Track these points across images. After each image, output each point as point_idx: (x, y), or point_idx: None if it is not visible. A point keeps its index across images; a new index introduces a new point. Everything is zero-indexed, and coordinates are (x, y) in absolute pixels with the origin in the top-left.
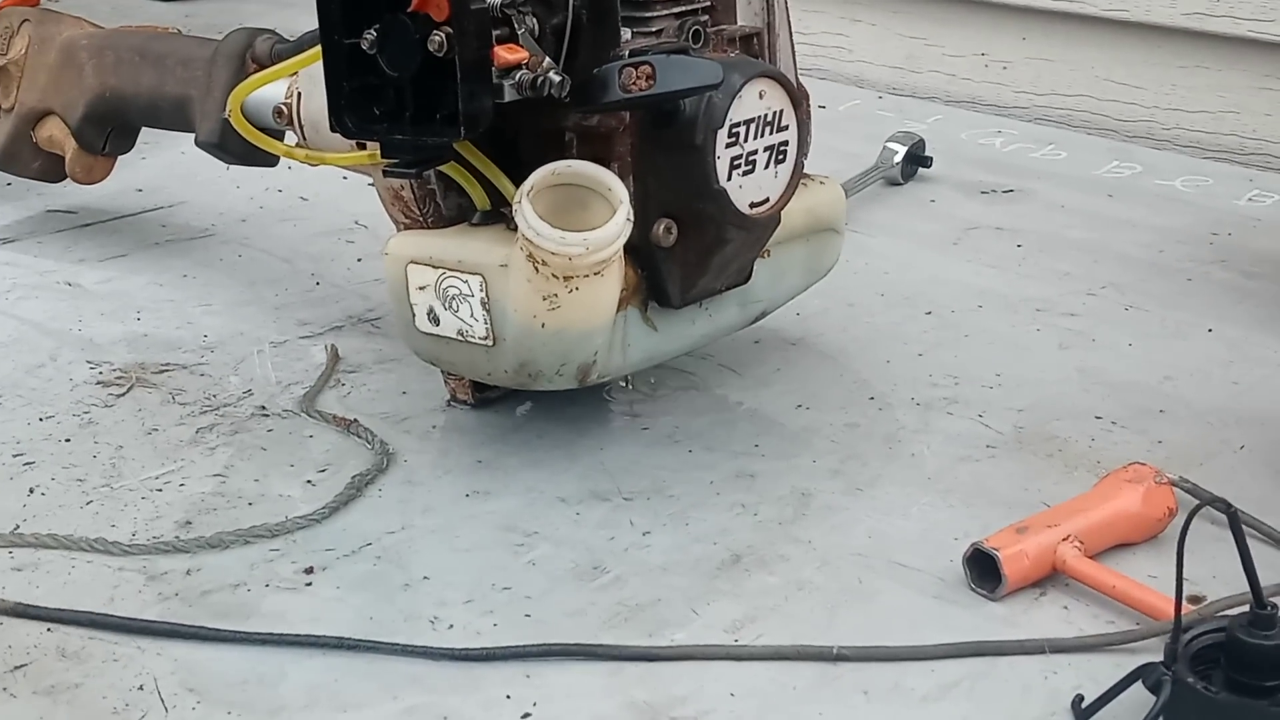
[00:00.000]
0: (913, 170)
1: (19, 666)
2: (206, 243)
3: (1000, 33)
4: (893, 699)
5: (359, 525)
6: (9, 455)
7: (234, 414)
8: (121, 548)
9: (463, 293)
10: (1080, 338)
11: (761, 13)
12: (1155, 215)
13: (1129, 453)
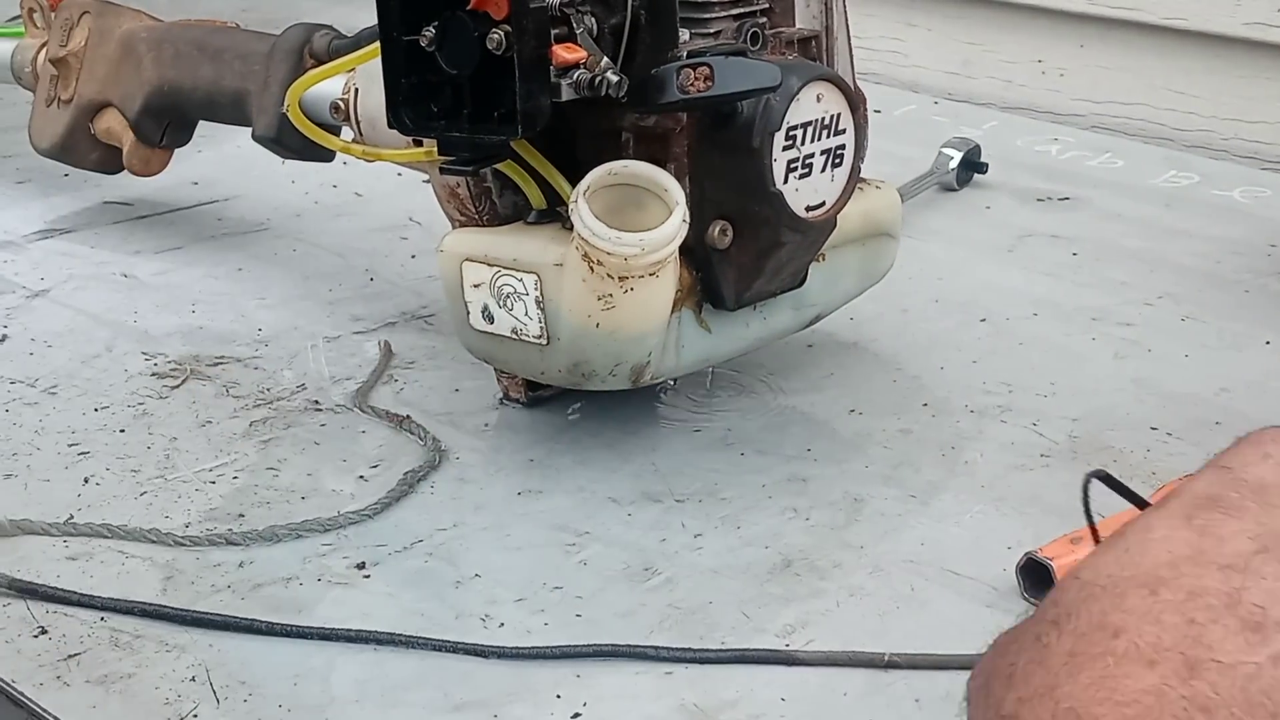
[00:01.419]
0: (968, 176)
1: (72, 655)
2: (261, 237)
3: (1058, 39)
4: (944, 707)
5: (410, 522)
6: (64, 445)
7: (287, 408)
8: (175, 539)
9: (517, 291)
10: (1136, 348)
11: (820, 15)
12: (1212, 225)
13: (1184, 464)
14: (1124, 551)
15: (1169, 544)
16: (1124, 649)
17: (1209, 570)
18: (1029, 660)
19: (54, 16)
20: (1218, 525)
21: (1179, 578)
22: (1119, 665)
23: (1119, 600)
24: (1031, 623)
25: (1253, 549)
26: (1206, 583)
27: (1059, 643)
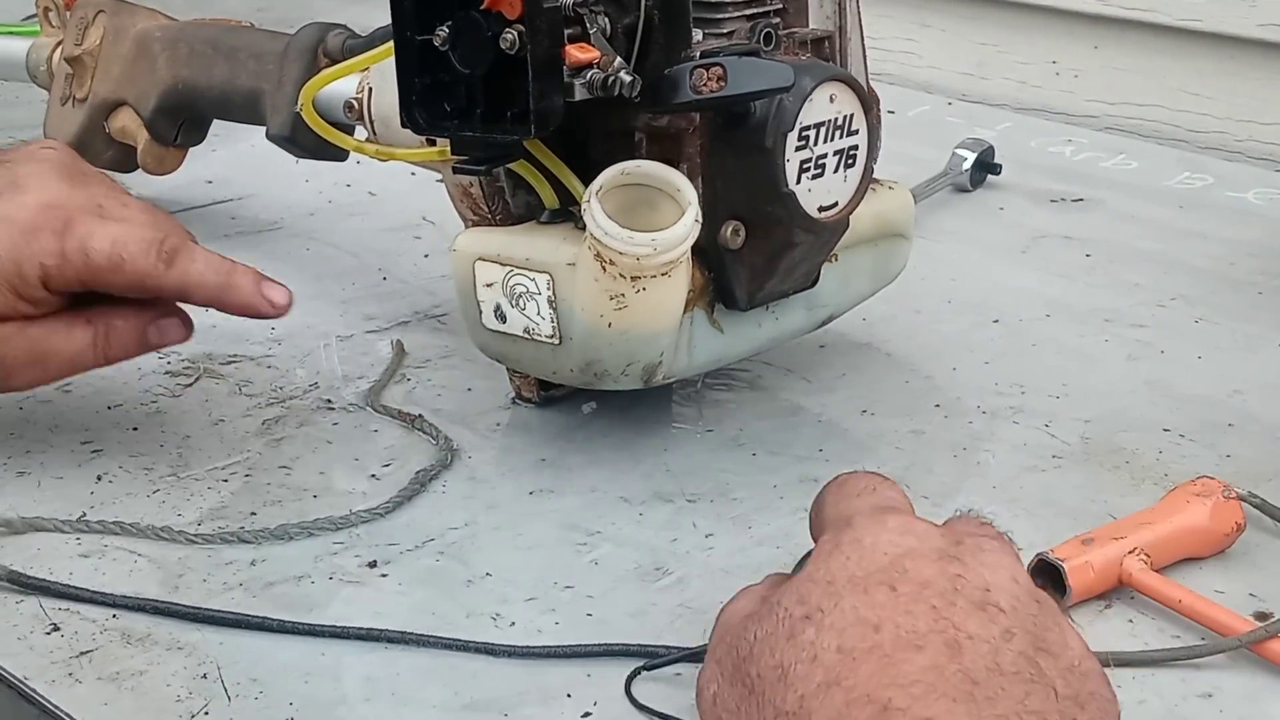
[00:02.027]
0: (982, 177)
1: (84, 653)
2: (275, 236)
3: (1072, 40)
4: None
5: (422, 521)
6: (77, 443)
7: (300, 407)
8: (187, 537)
9: (530, 290)
10: (1149, 349)
11: (833, 16)
12: (1227, 227)
13: (1197, 466)
14: (848, 557)
15: (885, 546)
16: (890, 640)
17: (926, 563)
18: (797, 660)
19: (69, 15)
20: (910, 525)
21: (907, 573)
22: (893, 653)
23: (867, 597)
24: (775, 621)
25: (949, 542)
26: (928, 574)
27: (822, 639)
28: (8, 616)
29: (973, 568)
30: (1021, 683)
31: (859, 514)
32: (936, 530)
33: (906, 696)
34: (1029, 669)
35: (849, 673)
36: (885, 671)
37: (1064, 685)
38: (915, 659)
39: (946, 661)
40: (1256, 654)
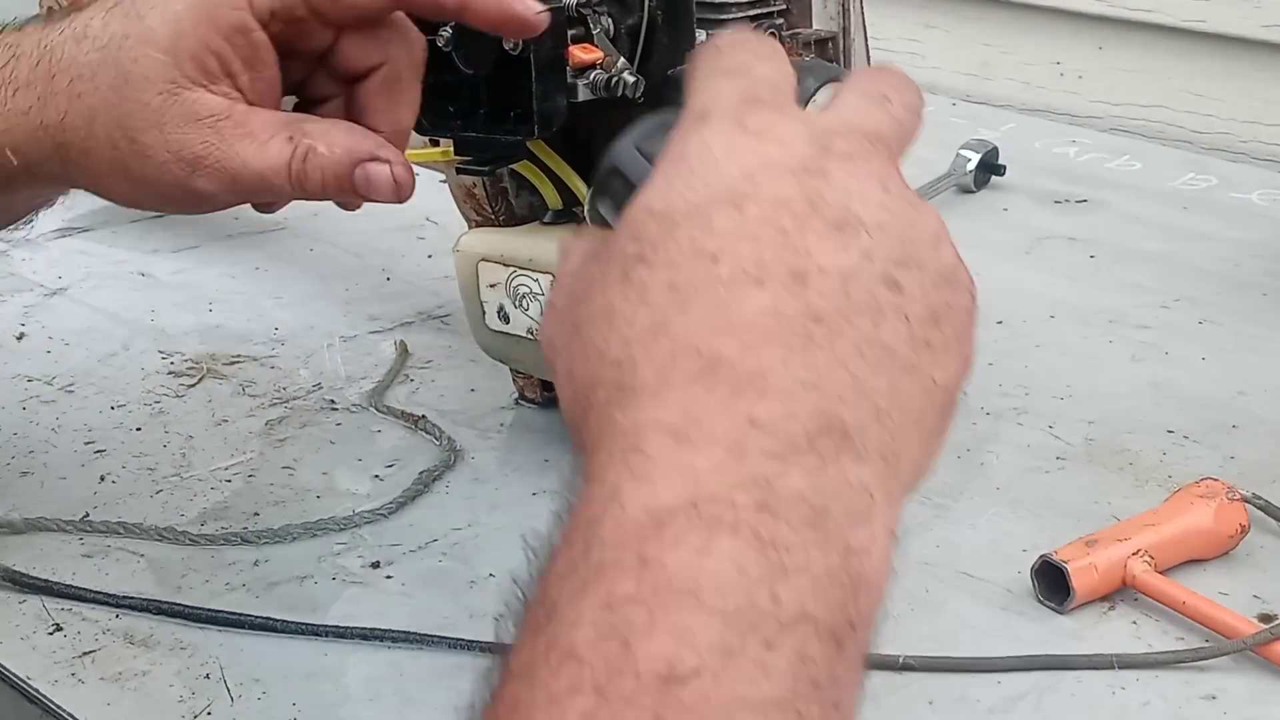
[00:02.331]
0: (986, 178)
1: (87, 653)
2: (278, 236)
3: (1076, 41)
4: (958, 710)
5: (425, 521)
6: (81, 443)
7: (303, 407)
8: (190, 537)
9: (533, 291)
10: (1153, 350)
11: (837, 16)
12: (1231, 228)
13: (1201, 468)
14: (691, 174)
15: (736, 157)
16: (729, 274)
17: (784, 177)
18: (625, 300)
19: None
20: (773, 127)
21: (758, 190)
22: (729, 291)
23: (706, 224)
24: (607, 263)
25: (815, 150)
26: (785, 190)
27: (654, 277)
28: (10, 617)
29: (837, 179)
30: (871, 314)
31: (720, 107)
32: (803, 132)
33: (737, 345)
34: (885, 294)
35: (678, 315)
36: (718, 314)
37: (922, 307)
38: (753, 297)
39: (788, 298)
40: (1260, 656)
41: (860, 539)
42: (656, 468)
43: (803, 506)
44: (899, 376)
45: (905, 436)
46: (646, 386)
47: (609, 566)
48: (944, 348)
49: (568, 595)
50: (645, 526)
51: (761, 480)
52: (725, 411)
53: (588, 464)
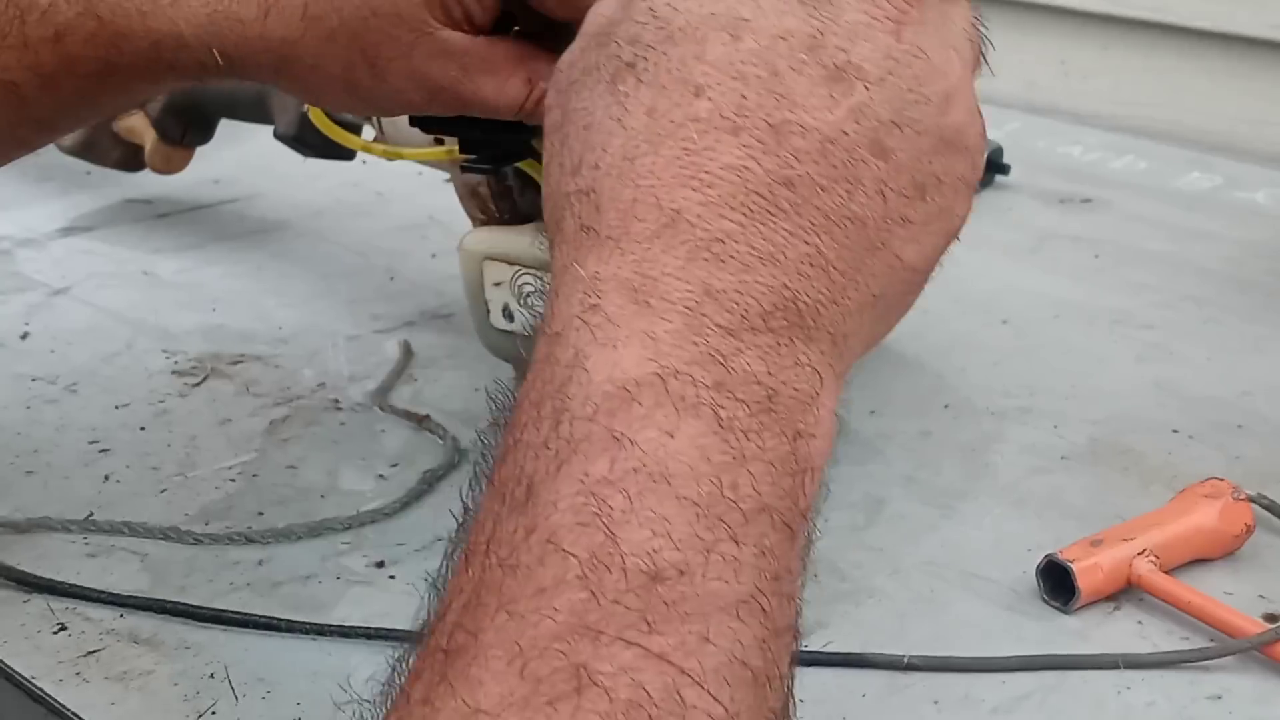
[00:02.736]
0: (990, 178)
1: (91, 652)
2: (282, 235)
3: (1081, 41)
4: (963, 709)
5: (430, 520)
6: (85, 443)
7: (307, 406)
8: (194, 537)
9: (538, 290)
10: (1158, 350)
11: None
12: (1236, 228)
13: (1206, 467)
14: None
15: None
16: (706, 113)
17: (789, 6)
18: (606, 114)
19: None
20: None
21: (760, 17)
22: (702, 137)
23: (700, 48)
24: (604, 56)
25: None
26: (788, 23)
27: (638, 94)
28: (15, 616)
29: (848, 15)
30: (846, 183)
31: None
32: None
33: (699, 204)
34: (867, 162)
35: (649, 153)
36: (685, 162)
37: (907, 177)
38: (724, 148)
39: (761, 155)
40: (1266, 656)
41: (808, 422)
42: (619, 332)
43: (757, 388)
44: (863, 253)
45: (858, 314)
46: (609, 234)
47: (581, 442)
48: (922, 222)
49: (543, 473)
50: (613, 398)
51: (718, 356)
52: (682, 275)
53: (550, 297)
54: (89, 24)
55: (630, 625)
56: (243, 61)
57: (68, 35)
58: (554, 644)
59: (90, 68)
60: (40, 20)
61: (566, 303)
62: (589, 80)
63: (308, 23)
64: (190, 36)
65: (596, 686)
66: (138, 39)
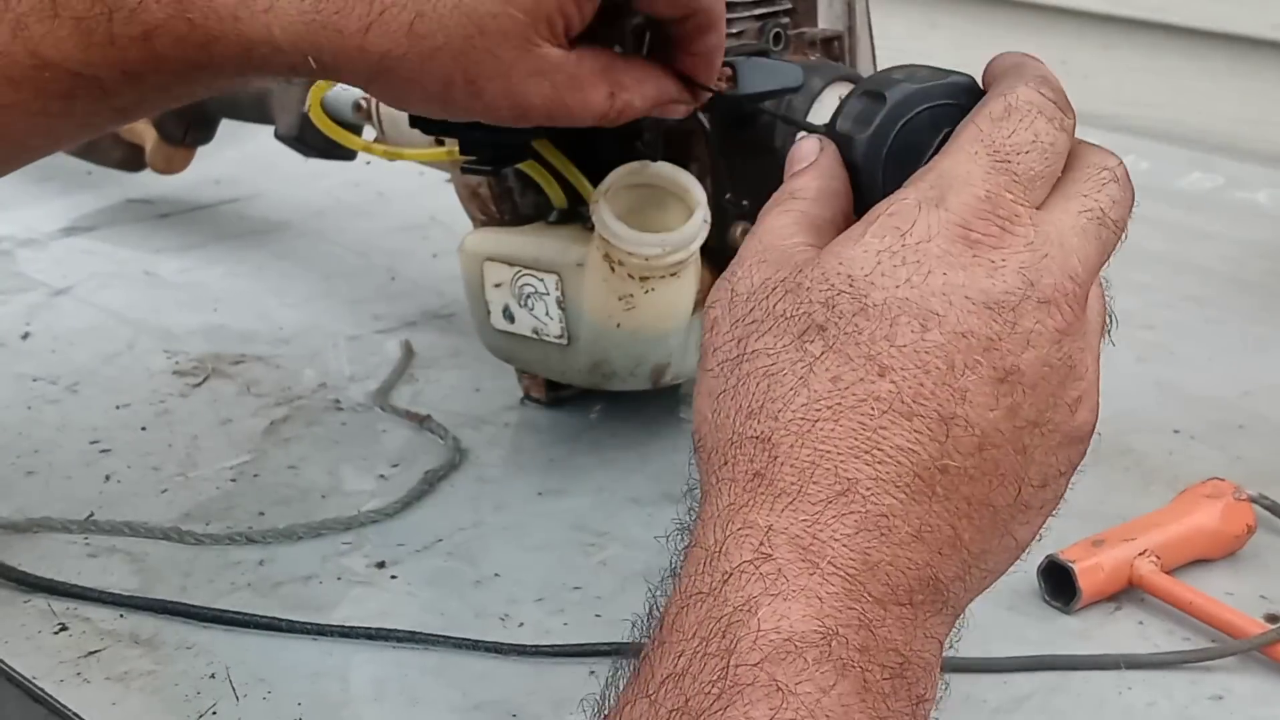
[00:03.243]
0: None
1: (92, 652)
2: (283, 235)
3: (1082, 41)
4: (964, 710)
5: (431, 521)
6: (85, 443)
7: (308, 407)
8: (195, 537)
9: (538, 291)
10: (1159, 350)
11: (843, 15)
12: (1237, 228)
13: (1207, 468)
14: (902, 263)
15: (945, 265)
16: (888, 395)
17: (978, 309)
18: (791, 370)
19: None
20: (996, 244)
21: (948, 315)
22: (880, 416)
23: (891, 330)
24: (796, 308)
25: (1019, 284)
26: (972, 323)
27: (824, 361)
28: (16, 616)
29: (1023, 324)
30: (991, 477)
31: (962, 196)
32: (1021, 259)
33: (870, 479)
34: (1011, 458)
35: (829, 419)
36: (862, 436)
37: (1037, 470)
38: (898, 430)
39: (927, 442)
40: (1267, 656)
41: (926, 686)
42: (788, 586)
43: (894, 655)
44: (991, 536)
45: (976, 588)
46: (785, 490)
47: (746, 686)
48: (1039, 507)
49: (708, 710)
50: (780, 649)
51: (868, 622)
52: (849, 544)
53: (707, 524)
54: (180, 26)
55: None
56: (337, 69)
57: (157, 35)
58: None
59: (178, 66)
60: (129, 19)
61: (738, 546)
62: (776, 328)
63: (412, 39)
64: (285, 43)
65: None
66: (230, 42)
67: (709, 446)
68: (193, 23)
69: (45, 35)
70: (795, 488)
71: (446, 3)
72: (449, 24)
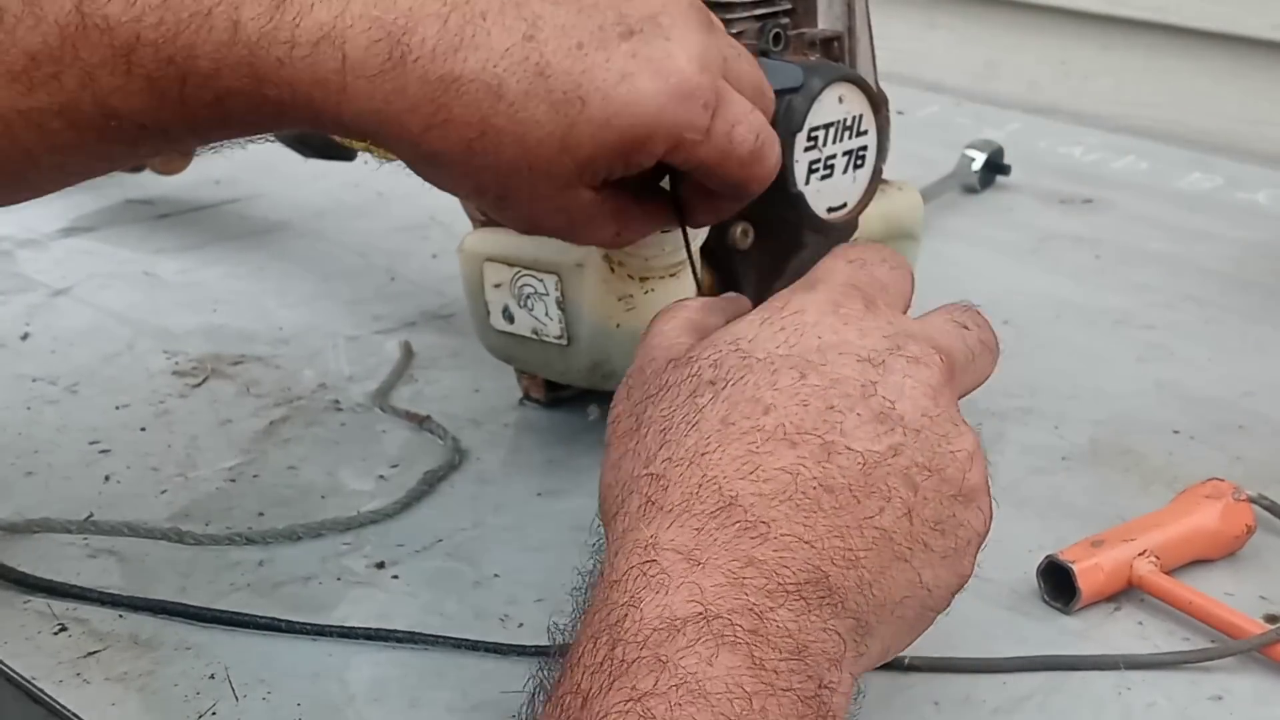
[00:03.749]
0: (991, 178)
1: (92, 653)
2: (282, 235)
3: (1082, 41)
4: (964, 710)
5: (430, 521)
6: (85, 443)
7: (308, 407)
8: (195, 537)
9: (538, 291)
10: (1159, 350)
11: (842, 16)
12: (1237, 228)
13: (1207, 468)
14: (779, 330)
15: (819, 330)
16: (772, 427)
17: (850, 361)
18: (683, 420)
19: None
20: (859, 318)
21: (825, 364)
22: (765, 443)
23: (773, 377)
24: (686, 376)
25: (886, 346)
26: (847, 372)
27: (713, 408)
28: (15, 617)
29: (894, 378)
30: (880, 500)
31: (829, 283)
32: (883, 328)
33: (754, 495)
34: (900, 489)
35: (718, 448)
36: (748, 460)
37: (931, 511)
38: (782, 455)
39: (812, 465)
40: (1267, 657)
41: (833, 677)
42: (671, 581)
43: (788, 639)
44: (889, 560)
45: (881, 613)
46: (673, 508)
47: (631, 664)
48: (941, 554)
49: (596, 689)
50: (661, 630)
51: (756, 609)
52: (730, 547)
53: (609, 557)
54: (255, 97)
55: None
56: (389, 148)
57: (229, 100)
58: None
59: (246, 127)
60: (202, 84)
61: (626, 559)
62: (669, 394)
63: (466, 153)
64: (350, 123)
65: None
66: (300, 111)
67: (611, 505)
68: (266, 97)
69: (115, 89)
70: (681, 506)
71: (512, 133)
72: (505, 151)
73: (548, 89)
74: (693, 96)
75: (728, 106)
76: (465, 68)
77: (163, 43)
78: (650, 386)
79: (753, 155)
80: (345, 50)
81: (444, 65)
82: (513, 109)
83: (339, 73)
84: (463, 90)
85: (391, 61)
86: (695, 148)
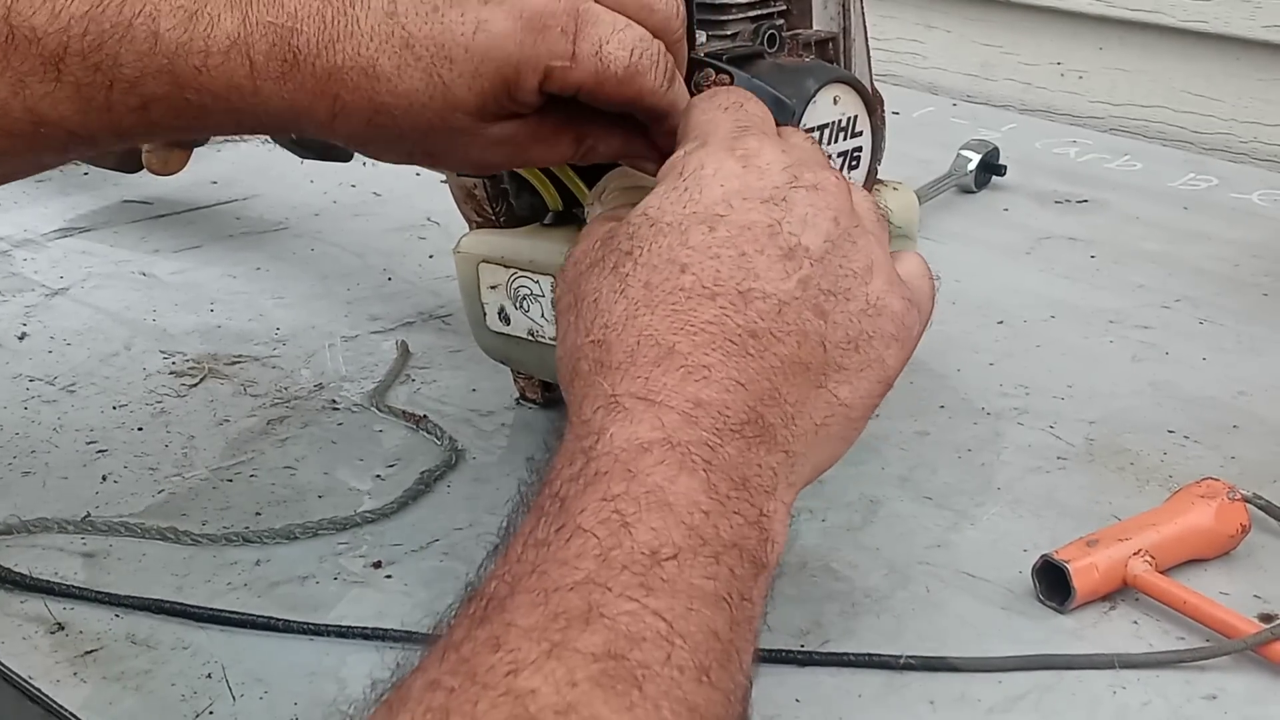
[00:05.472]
0: (986, 178)
1: (89, 652)
2: (280, 236)
3: (1077, 42)
4: (959, 709)
5: (427, 521)
6: (82, 443)
7: (304, 407)
8: (192, 537)
9: (534, 293)
10: (1153, 350)
11: (837, 17)
12: (1231, 229)
13: (1202, 468)
14: (684, 190)
15: (720, 179)
16: (690, 284)
17: (755, 205)
18: (610, 290)
19: None
20: (756, 155)
21: (731, 213)
22: (688, 300)
23: (684, 236)
24: (608, 251)
25: (786, 180)
26: (753, 216)
27: (635, 274)
28: (12, 617)
29: (797, 209)
30: (796, 336)
31: (717, 134)
32: (780, 160)
33: (690, 343)
34: (812, 320)
35: (647, 311)
36: (678, 316)
37: (842, 333)
38: (706, 308)
39: (733, 314)
40: (1261, 656)
41: (769, 507)
42: (635, 416)
43: (734, 471)
44: (808, 390)
45: (806, 440)
46: (620, 365)
47: (604, 473)
48: (857, 369)
49: (573, 493)
50: (630, 450)
51: (707, 444)
52: (679, 388)
53: (575, 412)
54: (177, 101)
55: (634, 586)
56: (317, 139)
57: (153, 106)
58: (572, 591)
59: (170, 130)
60: (128, 90)
61: (591, 409)
62: (596, 270)
63: (372, 129)
64: (268, 119)
65: (604, 618)
66: (221, 114)
67: (565, 374)
68: (189, 101)
69: (45, 96)
70: (626, 361)
71: (400, 105)
72: (402, 122)
73: (416, 58)
74: (547, 26)
75: (591, 27)
76: (343, 58)
77: (89, 51)
78: (581, 265)
79: (630, 71)
80: (251, 57)
81: (327, 60)
82: (392, 85)
83: (249, 78)
84: (345, 79)
85: (287, 64)
86: (567, 74)
